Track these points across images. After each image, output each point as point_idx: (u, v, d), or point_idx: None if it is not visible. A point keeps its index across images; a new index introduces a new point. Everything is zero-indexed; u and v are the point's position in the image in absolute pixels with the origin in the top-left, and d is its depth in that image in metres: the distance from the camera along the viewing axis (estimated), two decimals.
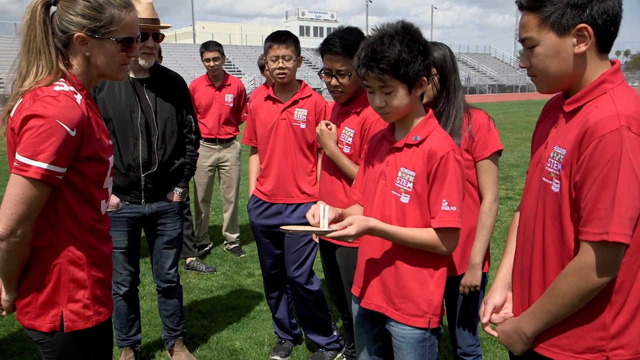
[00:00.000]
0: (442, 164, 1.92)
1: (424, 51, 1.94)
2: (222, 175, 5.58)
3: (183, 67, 37.64)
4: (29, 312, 1.79)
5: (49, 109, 1.62)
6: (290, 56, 3.19)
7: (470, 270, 2.47)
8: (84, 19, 1.71)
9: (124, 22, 1.77)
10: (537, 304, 1.58)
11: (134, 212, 3.13)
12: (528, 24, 1.52)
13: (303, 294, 3.36)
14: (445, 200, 1.92)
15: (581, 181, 1.43)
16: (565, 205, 1.50)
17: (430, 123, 2.03)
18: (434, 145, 1.95)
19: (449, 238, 1.96)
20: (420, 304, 2.01)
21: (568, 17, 1.45)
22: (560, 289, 1.50)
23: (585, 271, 1.44)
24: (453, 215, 1.92)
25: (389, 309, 2.07)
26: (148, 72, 3.11)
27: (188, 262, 5.20)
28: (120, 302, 3.27)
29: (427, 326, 2.02)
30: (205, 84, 5.38)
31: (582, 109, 1.50)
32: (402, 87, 1.93)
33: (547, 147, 1.60)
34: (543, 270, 1.59)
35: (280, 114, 3.28)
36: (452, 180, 1.92)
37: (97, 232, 1.85)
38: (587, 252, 1.43)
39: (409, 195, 1.98)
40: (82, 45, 1.75)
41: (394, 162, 2.03)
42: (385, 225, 1.97)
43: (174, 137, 3.16)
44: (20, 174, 1.61)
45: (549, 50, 1.50)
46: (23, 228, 1.65)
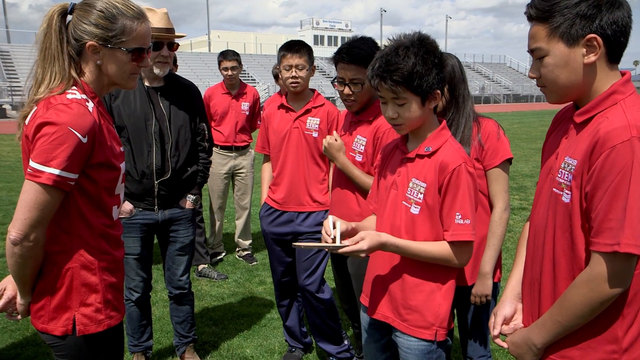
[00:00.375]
0: (454, 176, 1.91)
1: (439, 64, 1.93)
2: (237, 182, 5.62)
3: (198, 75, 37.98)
4: (43, 315, 1.82)
5: (62, 116, 1.66)
6: (303, 65, 3.21)
7: (481, 280, 2.45)
8: (97, 28, 1.76)
9: (135, 33, 1.81)
10: (547, 315, 1.57)
11: (147, 219, 3.16)
12: (537, 35, 1.52)
13: (314, 302, 3.36)
14: (458, 214, 1.91)
15: (592, 192, 1.43)
16: (576, 216, 1.49)
17: (443, 134, 2.02)
18: (446, 158, 1.94)
19: (462, 251, 1.95)
20: (427, 316, 1.99)
21: (577, 28, 1.45)
22: (570, 300, 1.49)
23: (597, 282, 1.42)
24: (467, 228, 1.91)
25: (395, 319, 2.06)
26: (163, 80, 3.15)
27: (200, 269, 5.22)
28: (132, 308, 3.30)
29: (433, 338, 2.00)
30: (222, 92, 5.43)
31: (593, 119, 1.50)
32: (415, 99, 1.92)
33: (558, 157, 1.59)
34: (553, 281, 1.58)
35: (292, 123, 3.30)
36: (465, 193, 1.91)
37: (108, 237, 1.88)
38: (598, 262, 1.42)
39: (419, 207, 1.97)
40: (94, 54, 1.79)
41: (406, 173, 2.03)
42: (397, 240, 1.97)
43: (187, 145, 3.20)
44: (34, 180, 1.65)
45: (559, 60, 1.50)
46: (36, 233, 1.68)
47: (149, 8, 2.99)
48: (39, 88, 1.76)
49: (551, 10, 1.47)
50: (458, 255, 1.95)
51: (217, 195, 5.51)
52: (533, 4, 1.52)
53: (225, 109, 5.37)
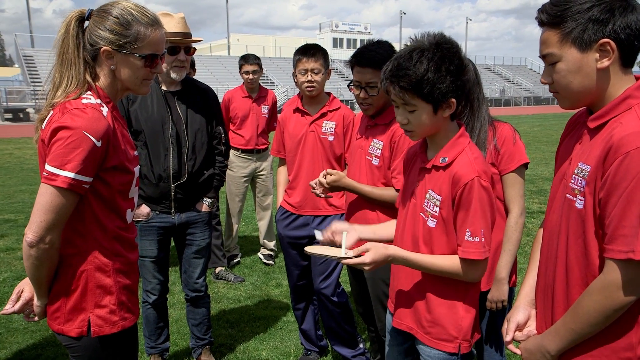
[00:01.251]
0: (466, 191, 1.82)
1: (456, 71, 1.81)
2: (259, 184, 5.65)
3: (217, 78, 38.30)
4: (59, 317, 1.85)
5: (77, 120, 1.69)
6: (318, 69, 3.22)
7: (497, 285, 2.43)
8: (112, 34, 1.79)
9: (149, 39, 1.84)
10: (561, 322, 1.55)
11: (163, 222, 3.19)
12: (549, 40, 1.50)
13: (329, 306, 3.36)
14: (468, 231, 1.83)
15: (605, 198, 1.40)
16: (590, 222, 1.47)
17: (460, 143, 1.91)
18: (460, 170, 1.85)
19: (472, 268, 1.87)
20: (449, 329, 1.94)
21: (590, 33, 1.43)
22: (584, 307, 1.46)
23: (611, 290, 1.40)
24: (476, 246, 1.83)
25: (419, 331, 2.02)
26: (180, 84, 3.18)
27: (217, 271, 5.25)
28: (149, 310, 3.33)
29: (456, 351, 1.95)
30: (242, 95, 5.45)
31: (607, 125, 1.47)
32: (425, 107, 1.83)
33: (571, 163, 1.57)
34: (566, 288, 1.56)
35: (308, 127, 3.31)
36: (477, 209, 1.82)
37: (123, 240, 1.91)
38: (612, 270, 1.40)
39: (436, 220, 1.91)
40: (108, 59, 1.82)
41: (423, 183, 1.97)
42: (406, 253, 1.93)
43: (204, 148, 3.22)
44: (49, 183, 1.68)
45: (571, 66, 1.48)
46: (52, 235, 1.71)
47: (166, 13, 3.02)
48: (56, 92, 1.80)
49: (563, 15, 1.45)
50: (468, 272, 1.88)
51: (237, 198, 5.54)
52: (544, 9, 1.50)
53: (246, 113, 5.40)
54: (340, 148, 3.29)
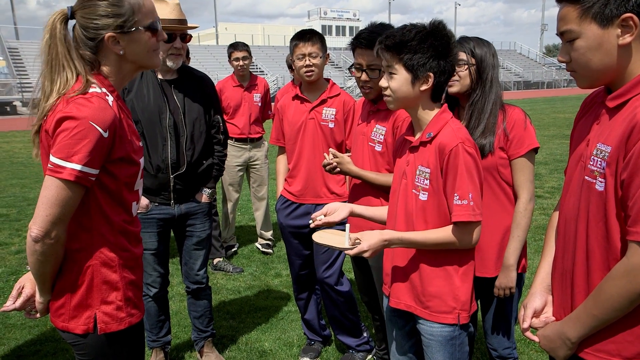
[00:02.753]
0: (451, 157, 1.90)
1: (440, 50, 1.92)
2: (253, 174, 5.60)
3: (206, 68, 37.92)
4: (63, 314, 1.79)
5: (83, 110, 1.61)
6: (316, 53, 3.16)
7: (505, 272, 2.40)
8: (109, 18, 1.71)
9: (144, 8, 1.76)
10: (582, 308, 1.51)
11: (163, 214, 3.13)
12: (568, 16, 1.44)
13: (333, 295, 3.33)
14: (456, 194, 1.90)
15: (629, 179, 1.36)
16: (611, 205, 1.43)
17: (443, 118, 2.01)
18: (443, 139, 1.94)
19: (465, 232, 1.93)
20: (447, 300, 2.00)
21: (612, 7, 1.37)
22: (607, 292, 1.43)
23: (635, 273, 1.36)
24: (465, 209, 1.90)
25: (417, 307, 2.07)
26: (176, 73, 3.10)
27: (215, 262, 5.21)
28: (150, 304, 3.28)
29: (456, 322, 2.01)
30: (233, 84, 5.40)
31: (628, 103, 1.42)
32: (404, 73, 1.95)
33: (590, 144, 1.52)
34: (587, 272, 1.52)
35: (308, 114, 3.26)
36: (463, 173, 1.89)
37: (128, 234, 1.85)
38: (636, 252, 1.36)
39: (427, 192, 1.98)
40: (115, 45, 1.74)
41: (413, 161, 2.04)
42: (400, 234, 2.01)
43: (202, 138, 3.16)
44: (55, 175, 1.61)
45: (591, 42, 1.42)
46: (57, 230, 1.65)
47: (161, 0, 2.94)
48: (47, 100, 1.69)
49: None
50: (462, 237, 1.94)
51: (232, 187, 5.49)
52: None
53: (238, 102, 5.35)
54: (341, 135, 3.24)
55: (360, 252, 1.98)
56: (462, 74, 2.40)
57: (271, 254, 5.62)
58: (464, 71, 2.40)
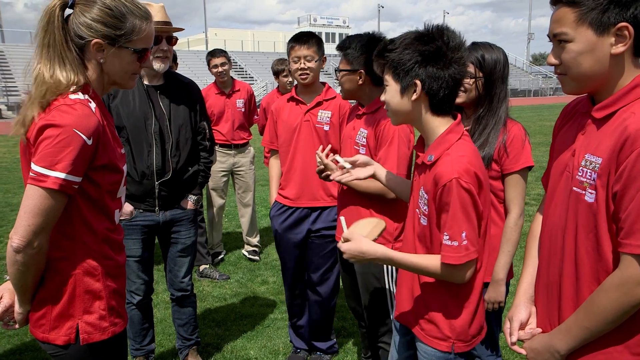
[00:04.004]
0: (445, 192, 1.74)
1: (427, 55, 1.75)
2: (238, 180, 5.57)
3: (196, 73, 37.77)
4: (44, 324, 1.75)
5: (65, 117, 1.59)
6: (312, 56, 3.16)
7: (494, 286, 2.39)
8: (105, 26, 1.68)
9: (144, 34, 1.75)
10: (572, 320, 1.49)
11: (147, 220, 3.10)
12: (564, 19, 1.42)
13: (324, 302, 3.41)
14: (446, 234, 1.75)
15: (622, 191, 1.35)
16: (602, 216, 1.41)
17: (448, 140, 1.82)
18: (441, 169, 1.77)
19: (455, 272, 1.79)
20: (443, 328, 1.89)
21: (610, 15, 1.36)
22: (599, 304, 1.41)
23: (629, 286, 1.35)
24: (454, 250, 1.74)
25: (415, 326, 2.00)
26: (162, 78, 3.08)
27: (201, 269, 5.17)
28: (133, 312, 3.24)
29: (450, 350, 1.89)
30: (215, 91, 5.39)
31: (616, 114, 1.42)
32: (394, 84, 1.84)
33: (576, 154, 1.50)
34: (575, 284, 1.50)
35: (303, 116, 3.24)
36: (457, 211, 1.73)
37: (111, 242, 1.82)
38: (630, 265, 1.35)
39: (426, 218, 1.86)
40: (98, 52, 1.71)
41: (417, 181, 1.94)
42: (390, 252, 1.89)
43: (188, 144, 3.13)
44: (38, 184, 1.58)
45: (584, 48, 1.40)
46: (40, 239, 1.62)
47: (146, 2, 2.92)
48: (46, 88, 1.63)
49: None
50: (449, 275, 1.80)
51: (216, 193, 5.46)
52: None
53: (221, 109, 5.34)
54: (336, 138, 3.23)
55: (341, 249, 1.92)
56: (467, 85, 2.36)
57: (258, 260, 5.58)
58: (470, 84, 2.36)
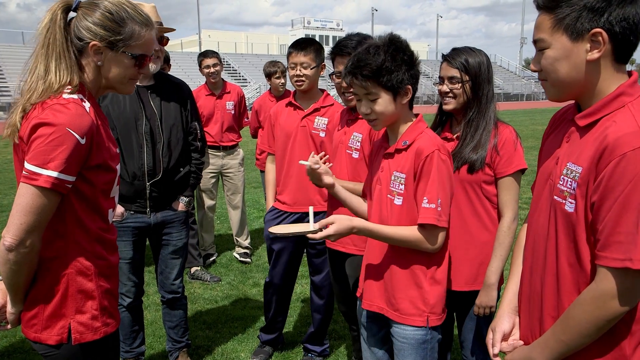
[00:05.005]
0: (427, 162, 1.98)
1: (409, 62, 2.01)
2: (227, 182, 5.57)
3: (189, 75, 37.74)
4: (36, 324, 1.75)
5: (59, 116, 1.60)
6: (308, 64, 3.16)
7: (486, 291, 2.37)
8: (104, 30, 1.70)
9: (143, 40, 1.77)
10: (550, 333, 1.47)
11: (139, 222, 3.09)
12: (542, 25, 1.44)
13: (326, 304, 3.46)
14: (425, 198, 1.97)
15: (599, 202, 1.33)
16: (581, 227, 1.40)
17: (419, 127, 2.09)
18: (421, 145, 2.01)
19: (430, 235, 1.99)
20: (417, 303, 2.05)
21: (584, 21, 1.36)
22: (575, 317, 1.40)
23: (604, 299, 1.33)
24: (431, 212, 1.96)
25: (389, 310, 2.11)
26: (153, 79, 3.08)
27: (193, 271, 5.15)
28: (124, 314, 3.22)
29: (425, 324, 2.05)
30: (206, 93, 5.40)
31: (599, 123, 1.40)
32: (386, 94, 2.01)
33: (559, 163, 1.49)
34: (557, 295, 1.48)
35: (300, 121, 3.25)
36: (435, 179, 1.97)
37: (104, 242, 1.83)
38: (605, 278, 1.33)
39: (402, 197, 2.04)
40: (96, 55, 1.73)
41: (388, 168, 2.10)
42: (369, 224, 2.05)
43: (179, 145, 3.13)
44: (30, 183, 1.58)
45: (560, 54, 1.41)
46: (32, 238, 1.62)
47: (137, 3, 2.92)
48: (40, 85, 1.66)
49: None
50: (426, 239, 1.99)
51: (205, 194, 5.46)
52: None
53: (210, 110, 5.35)
54: (331, 145, 3.24)
55: (325, 236, 2.00)
56: (456, 91, 2.37)
57: (250, 262, 5.58)
58: (458, 89, 2.37)
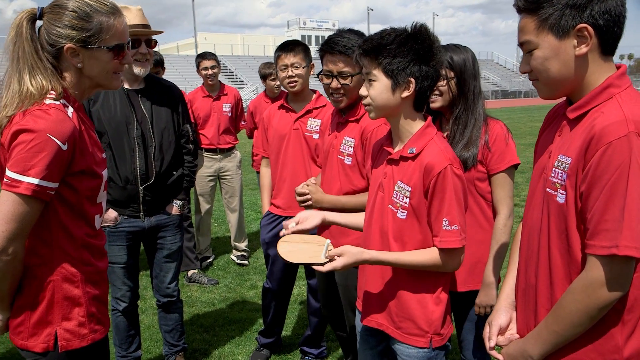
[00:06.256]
0: (440, 179, 1.82)
1: (423, 55, 1.83)
2: (224, 185, 5.56)
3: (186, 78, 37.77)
4: (22, 331, 1.74)
5: (39, 122, 1.58)
6: (299, 64, 3.15)
7: (485, 290, 2.34)
8: (72, 30, 1.67)
9: (113, 29, 1.73)
10: (543, 324, 1.48)
11: (132, 226, 3.07)
12: (526, 27, 1.45)
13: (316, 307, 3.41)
14: (446, 219, 1.83)
15: (587, 191, 1.35)
16: (571, 217, 1.41)
17: (428, 133, 1.92)
18: (431, 159, 1.84)
19: (452, 257, 1.88)
20: (420, 324, 1.93)
21: (567, 18, 1.38)
22: (566, 307, 1.40)
23: (593, 288, 1.34)
24: (454, 234, 1.83)
25: (389, 327, 2.00)
26: (143, 82, 3.06)
27: (190, 274, 5.14)
28: (119, 318, 3.21)
29: (428, 346, 1.94)
30: (202, 95, 5.39)
31: (587, 115, 1.42)
32: (384, 80, 1.86)
33: (551, 156, 1.51)
34: (550, 287, 1.49)
35: (293, 124, 3.22)
36: (452, 197, 1.82)
37: (91, 248, 1.81)
38: (594, 266, 1.34)
39: (406, 211, 1.90)
40: (73, 57, 1.71)
41: (391, 175, 1.96)
42: (382, 254, 1.91)
43: (171, 148, 3.11)
44: (11, 190, 1.57)
45: (549, 53, 1.43)
46: (15, 246, 1.60)
47: (124, 6, 2.91)
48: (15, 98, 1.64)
49: (540, 1, 1.41)
50: (447, 262, 1.88)
51: (203, 198, 5.45)
52: None
53: (207, 112, 5.33)
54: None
55: (333, 269, 1.89)
56: (442, 88, 2.33)
57: (247, 265, 5.56)
58: (443, 86, 2.32)
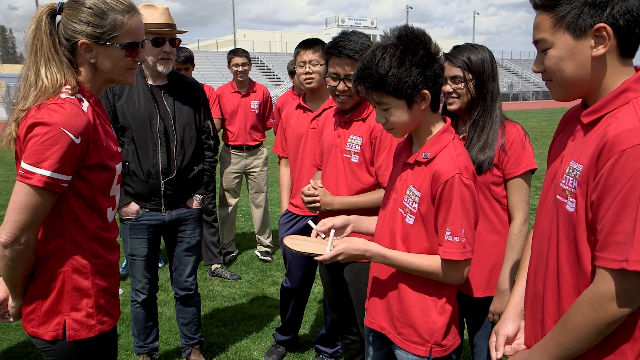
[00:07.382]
0: (446, 188, 1.75)
1: (423, 62, 1.75)
2: (250, 181, 5.59)
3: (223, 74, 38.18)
4: (33, 319, 1.79)
5: (54, 116, 1.62)
6: (317, 61, 3.15)
7: (499, 297, 2.29)
8: (87, 26, 1.72)
9: (127, 27, 1.76)
10: (550, 336, 1.43)
11: (153, 220, 3.13)
12: (542, 25, 1.39)
13: None
14: (448, 230, 1.76)
15: (598, 201, 1.28)
16: (581, 227, 1.35)
17: (444, 138, 1.85)
18: (440, 167, 1.78)
19: (452, 269, 1.80)
20: (421, 332, 1.88)
21: (586, 17, 1.31)
22: (573, 320, 1.35)
23: (602, 302, 1.28)
24: (455, 246, 1.76)
25: (391, 331, 1.96)
26: (166, 78, 3.11)
27: (213, 269, 5.20)
28: (138, 310, 3.28)
29: (428, 355, 1.88)
30: (231, 90, 5.42)
31: (602, 120, 1.35)
32: (398, 103, 1.79)
33: (563, 161, 1.45)
34: (557, 297, 1.44)
35: (310, 123, 3.21)
36: (457, 208, 1.74)
37: (103, 240, 1.85)
38: (603, 280, 1.28)
39: (414, 217, 1.85)
40: (87, 52, 1.75)
41: (405, 179, 1.92)
42: (384, 250, 1.88)
43: (192, 143, 3.16)
44: (24, 181, 1.62)
45: (564, 53, 1.36)
46: (27, 235, 1.65)
47: (150, 4, 2.97)
48: (30, 90, 1.70)
49: None
50: (447, 273, 1.81)
51: (229, 193, 5.50)
52: None
53: (234, 108, 5.36)
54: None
55: (333, 256, 1.88)
56: (460, 91, 2.29)
57: (270, 261, 5.60)
58: (462, 89, 2.29)
